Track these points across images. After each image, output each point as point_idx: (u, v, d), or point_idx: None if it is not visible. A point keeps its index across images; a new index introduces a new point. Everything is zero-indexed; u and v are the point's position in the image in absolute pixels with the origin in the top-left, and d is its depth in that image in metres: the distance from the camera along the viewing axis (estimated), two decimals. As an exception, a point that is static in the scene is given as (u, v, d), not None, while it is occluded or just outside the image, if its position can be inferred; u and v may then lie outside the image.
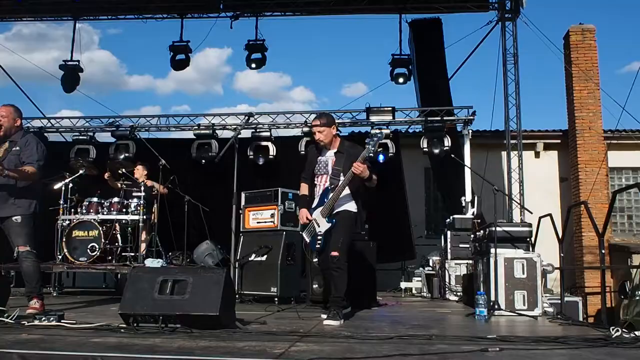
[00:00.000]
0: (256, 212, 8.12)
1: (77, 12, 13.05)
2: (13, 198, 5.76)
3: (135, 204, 8.97)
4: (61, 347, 3.58)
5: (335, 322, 5.11)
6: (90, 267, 8.60)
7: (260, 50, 12.49)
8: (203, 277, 4.47)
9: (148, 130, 11.45)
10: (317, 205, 5.54)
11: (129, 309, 4.39)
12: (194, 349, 3.53)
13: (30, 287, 5.79)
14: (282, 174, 10.59)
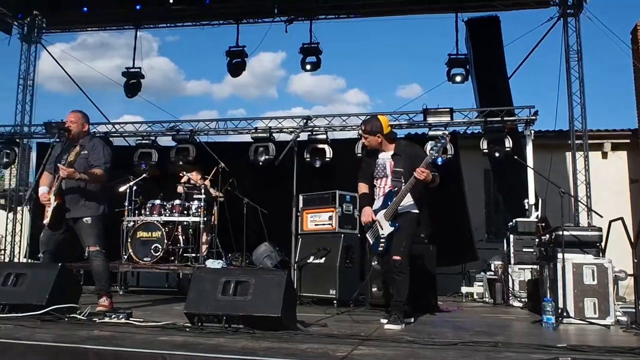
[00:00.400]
0: (314, 215, 8.16)
1: (138, 21, 13.37)
2: (84, 200, 6.02)
3: (196, 206, 9.17)
4: (131, 344, 3.69)
5: (397, 326, 5.09)
6: (153, 267, 8.84)
7: (315, 53, 12.53)
8: (264, 278, 4.53)
9: (207, 134, 11.62)
10: (381, 207, 5.48)
11: (194, 309, 4.49)
12: (257, 350, 3.57)
13: (99, 285, 6.04)
14: (338, 176, 10.61)
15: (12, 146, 12.48)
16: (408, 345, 3.97)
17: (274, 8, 12.22)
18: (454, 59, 11.99)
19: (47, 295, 4.84)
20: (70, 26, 14.11)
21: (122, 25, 13.91)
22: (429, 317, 6.40)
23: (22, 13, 12.35)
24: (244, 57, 12.70)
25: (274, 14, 12.48)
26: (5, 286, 5.01)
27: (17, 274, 5.08)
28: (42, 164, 6.30)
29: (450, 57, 12.00)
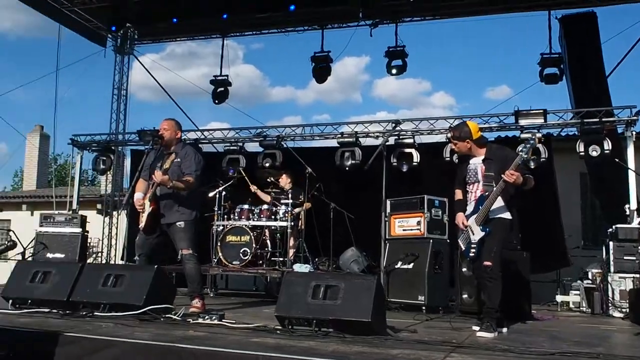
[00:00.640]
0: (402, 220, 8.08)
1: (225, 30, 13.65)
2: (177, 205, 6.22)
3: (284, 211, 9.26)
4: (224, 344, 3.77)
5: (489, 334, 4.98)
6: (242, 270, 9.00)
7: (401, 56, 12.41)
8: (355, 283, 4.52)
9: (293, 139, 11.72)
10: (472, 212, 5.41)
11: (285, 312, 4.54)
12: (348, 354, 3.56)
13: (192, 287, 6.24)
14: (426, 180, 10.46)
15: (108, 153, 12.97)
16: (502, 354, 3.87)
17: (359, 12, 12.21)
18: (547, 58, 11.62)
19: (145, 296, 5.01)
20: (161, 37, 14.61)
21: (209, 35, 14.25)
22: (522, 326, 6.21)
23: (115, 26, 12.85)
24: (329, 63, 12.75)
25: (359, 18, 12.46)
26: (106, 286, 5.23)
27: (117, 275, 5.29)
28: (138, 171, 6.53)
29: (543, 56, 11.63)
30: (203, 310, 5.72)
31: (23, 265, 6.24)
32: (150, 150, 6.66)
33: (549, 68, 11.60)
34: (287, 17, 12.83)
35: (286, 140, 11.60)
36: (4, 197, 23.21)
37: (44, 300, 5.34)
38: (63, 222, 10.72)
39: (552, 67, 11.57)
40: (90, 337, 3.92)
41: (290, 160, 10.88)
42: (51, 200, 16.08)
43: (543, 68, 11.62)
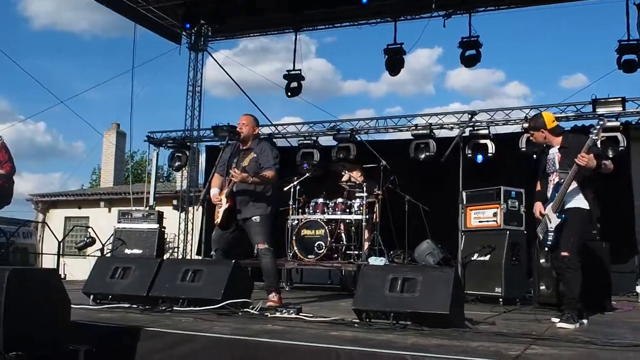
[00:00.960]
0: (478, 211, 7.95)
1: (297, 24, 13.70)
2: (253, 200, 6.26)
3: (358, 204, 9.25)
4: (303, 338, 3.79)
5: (570, 325, 4.88)
6: (317, 264, 9.05)
7: (475, 46, 12.15)
8: (432, 275, 4.49)
9: (367, 132, 11.70)
10: (549, 201, 5.36)
11: (362, 305, 4.53)
12: (428, 347, 3.53)
13: (269, 281, 6.26)
14: (501, 171, 10.26)
15: (183, 150, 13.26)
16: (584, 345, 3.76)
17: (432, 3, 12.04)
18: (625, 45, 11.15)
19: (222, 290, 5.07)
20: (234, 33, 14.76)
21: (282, 29, 14.33)
22: (603, 317, 6.07)
23: (189, 23, 13.08)
24: (402, 54, 12.62)
25: (432, 9, 12.28)
26: (184, 281, 5.32)
27: (195, 270, 5.37)
28: (214, 166, 6.63)
29: (621, 43, 11.17)
30: (280, 304, 5.77)
31: (103, 261, 6.41)
32: (226, 146, 6.74)
33: (627, 55, 11.13)
34: (360, 10, 12.77)
35: (360, 134, 11.60)
36: (82, 195, 24.08)
37: (124, 295, 5.44)
38: (140, 218, 10.97)
39: (630, 54, 11.10)
40: (171, 331, 4.00)
41: (364, 153, 10.86)
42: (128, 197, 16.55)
43: (621, 55, 11.16)
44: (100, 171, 28.85)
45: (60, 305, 3.42)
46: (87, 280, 5.87)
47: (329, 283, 10.76)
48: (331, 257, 9.14)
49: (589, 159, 4.98)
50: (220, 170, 6.53)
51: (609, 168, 5.19)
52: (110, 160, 26.25)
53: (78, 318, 4.13)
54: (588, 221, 5.37)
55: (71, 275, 10.51)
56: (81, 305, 5.14)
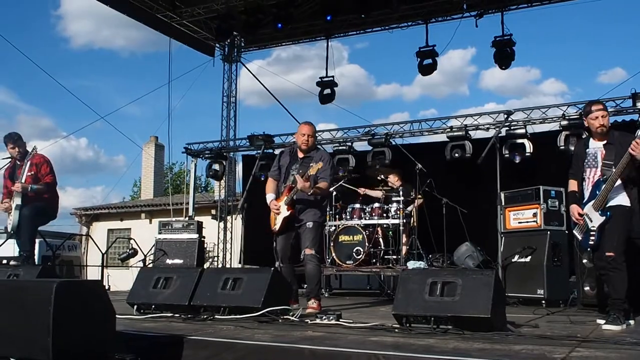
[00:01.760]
0: (517, 212, 7.86)
1: (329, 31, 13.77)
2: (309, 207, 6.37)
3: (395, 208, 9.23)
4: (344, 344, 3.78)
5: (617, 326, 4.77)
6: (356, 269, 9.06)
7: (508, 45, 12.02)
8: (472, 278, 4.44)
9: (402, 136, 11.66)
10: (589, 199, 5.21)
11: (402, 310, 4.51)
12: (470, 351, 3.50)
13: (310, 287, 6.33)
14: (540, 171, 10.13)
15: (220, 160, 13.38)
16: (632, 347, 3.68)
17: (463, 3, 11.97)
18: (664, 36, 10.93)
19: (262, 298, 5.10)
20: (266, 43, 14.92)
21: (313, 37, 14.39)
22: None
23: (222, 35, 13.22)
24: (435, 57, 12.55)
25: (463, 10, 12.24)
26: (225, 290, 5.38)
27: (235, 278, 5.42)
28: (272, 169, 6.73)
29: (660, 35, 10.96)
30: (319, 311, 5.77)
31: (146, 271, 6.50)
32: (283, 151, 6.84)
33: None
34: (391, 14, 12.75)
35: (394, 138, 11.57)
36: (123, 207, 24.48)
37: (167, 304, 5.53)
38: (180, 228, 11.10)
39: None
40: (213, 339, 4.03)
41: (400, 157, 10.82)
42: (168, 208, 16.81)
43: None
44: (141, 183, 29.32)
45: (106, 315, 3.47)
46: (130, 290, 5.99)
47: (369, 288, 10.72)
48: (369, 263, 9.13)
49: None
50: (275, 175, 6.65)
51: None
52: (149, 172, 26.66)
53: (123, 328, 4.20)
54: (630, 219, 5.19)
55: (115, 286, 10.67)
56: (125, 315, 5.24)
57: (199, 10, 13.16)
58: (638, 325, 5.06)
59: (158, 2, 12.85)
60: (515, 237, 7.79)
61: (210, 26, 13.70)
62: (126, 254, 11.57)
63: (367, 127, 12.05)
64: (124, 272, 9.49)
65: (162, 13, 13.13)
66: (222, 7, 12.73)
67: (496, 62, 12.17)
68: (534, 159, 10.32)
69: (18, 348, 3.23)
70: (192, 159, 13.70)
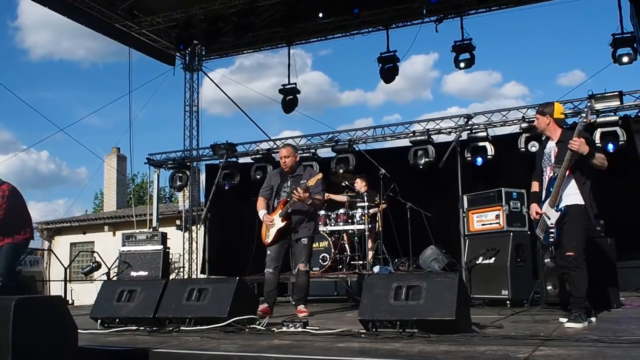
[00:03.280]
0: (480, 214, 7.92)
1: (290, 39, 13.79)
2: (305, 222, 6.71)
3: (360, 214, 9.26)
4: (310, 351, 3.79)
5: (578, 324, 4.84)
6: (323, 276, 9.05)
7: (468, 49, 12.16)
8: (436, 281, 4.46)
9: (365, 142, 11.72)
10: (545, 197, 5.29)
11: (368, 315, 4.51)
12: (436, 354, 3.52)
13: (299, 296, 6.82)
14: (502, 173, 10.28)
15: (184, 170, 13.31)
16: (593, 344, 3.74)
17: (422, 9, 12.09)
18: (619, 39, 11.15)
19: (228, 308, 5.06)
20: (227, 51, 14.89)
21: (275, 44, 14.41)
22: (611, 314, 6.01)
23: (183, 44, 13.14)
24: (396, 62, 12.64)
25: (422, 15, 12.37)
26: (190, 301, 5.32)
27: (200, 289, 5.36)
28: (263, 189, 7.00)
29: (615, 37, 11.17)
30: (309, 314, 6.42)
31: (109, 285, 6.40)
32: (272, 172, 7.25)
33: (621, 49, 11.14)
34: (352, 20, 12.85)
35: (358, 144, 11.63)
36: (86, 220, 24.13)
37: (131, 318, 5.46)
38: (144, 240, 10.99)
39: (625, 48, 11.10)
40: (179, 351, 4.00)
41: (364, 162, 10.87)
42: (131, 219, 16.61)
43: (615, 49, 11.16)
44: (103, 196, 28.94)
45: (67, 331, 3.42)
46: (93, 305, 5.88)
47: (336, 294, 10.73)
48: (336, 269, 9.16)
49: (580, 142, 4.95)
50: (266, 195, 6.94)
51: (602, 161, 5.12)
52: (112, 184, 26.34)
53: (86, 343, 4.13)
54: (587, 217, 5.23)
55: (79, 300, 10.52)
56: (89, 330, 5.17)
57: (158, 19, 13.06)
58: (599, 323, 5.15)
59: (116, 12, 12.73)
60: (479, 239, 7.84)
61: (170, 35, 13.64)
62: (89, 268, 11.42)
63: (330, 134, 12.09)
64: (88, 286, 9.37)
65: (120, 23, 13.00)
66: (182, 16, 12.66)
67: (456, 66, 12.29)
68: (496, 162, 10.46)
69: (-23, 367, 3.15)
70: (155, 170, 13.59)
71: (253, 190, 11.37)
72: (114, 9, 12.69)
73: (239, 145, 12.55)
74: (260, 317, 5.38)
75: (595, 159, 5.08)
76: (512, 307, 6.92)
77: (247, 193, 11.79)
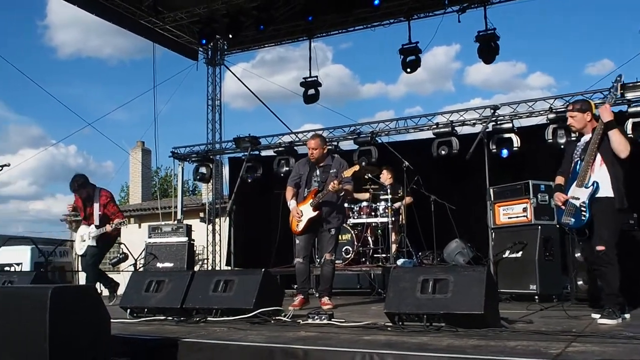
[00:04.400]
0: (507, 207, 7.83)
1: (311, 32, 13.74)
2: (335, 212, 6.77)
3: (384, 207, 9.19)
4: (337, 343, 3.76)
5: (612, 320, 4.73)
6: (346, 269, 9.01)
7: (492, 40, 11.99)
8: (464, 275, 4.41)
9: (387, 134, 11.63)
10: (570, 182, 5.13)
11: (394, 308, 4.48)
12: (465, 348, 3.47)
13: (324, 287, 6.84)
14: (528, 165, 10.12)
15: (207, 163, 13.33)
16: (628, 341, 3.65)
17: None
18: (650, 26, 10.93)
19: (254, 299, 5.08)
20: (249, 45, 14.84)
21: (296, 38, 14.36)
22: (646, 310, 5.86)
23: (205, 39, 13.17)
24: (418, 54, 12.52)
25: (445, 5, 12.23)
26: (216, 292, 5.35)
27: (226, 280, 5.40)
28: (291, 178, 7.07)
29: (645, 25, 10.97)
30: (333, 307, 6.41)
31: (138, 275, 6.48)
32: (300, 162, 7.21)
33: (653, 36, 10.89)
34: (373, 12, 12.74)
35: (380, 136, 11.53)
36: (112, 212, 24.24)
37: (159, 308, 5.52)
38: (170, 232, 11.09)
39: (656, 35, 10.85)
40: (207, 341, 4.02)
41: (386, 155, 10.78)
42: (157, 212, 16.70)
43: (646, 37, 10.94)
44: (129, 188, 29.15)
45: (101, 320, 3.46)
46: (123, 294, 5.99)
47: (358, 287, 10.70)
48: (359, 262, 9.11)
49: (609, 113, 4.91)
50: (295, 184, 6.99)
51: (621, 139, 4.93)
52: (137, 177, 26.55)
53: (117, 332, 4.15)
54: (617, 211, 5.03)
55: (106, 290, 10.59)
56: (119, 319, 5.19)
57: (181, 15, 13.14)
58: (634, 319, 5.02)
59: (141, 8, 12.84)
60: (506, 232, 7.74)
61: (193, 30, 13.67)
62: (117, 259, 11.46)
63: (352, 126, 12.00)
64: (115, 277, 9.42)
65: (145, 19, 13.11)
66: (204, 11, 12.70)
67: (480, 57, 12.14)
68: (522, 153, 10.31)
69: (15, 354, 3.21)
70: (179, 163, 13.63)
71: (276, 183, 11.47)
72: (138, 6, 12.80)
73: (262, 138, 12.54)
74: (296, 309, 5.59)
75: (615, 134, 4.92)
76: (540, 302, 6.83)
77: (270, 186, 11.83)
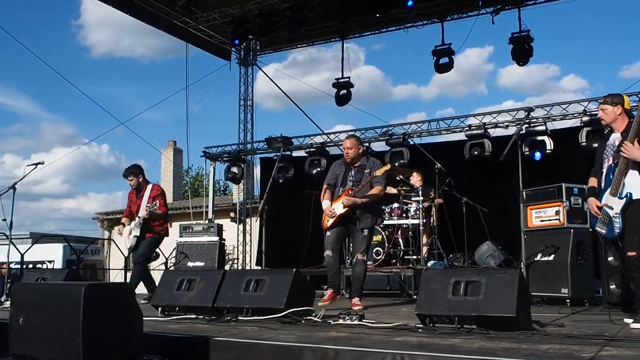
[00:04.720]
0: (539, 210, 7.75)
1: (344, 33, 13.78)
2: (369, 212, 6.82)
3: (415, 208, 9.18)
4: (368, 344, 3.77)
5: None
6: (376, 270, 9.01)
7: (526, 41, 11.88)
8: (496, 277, 4.39)
9: (419, 135, 11.61)
10: (604, 188, 5.00)
11: (425, 310, 4.47)
12: (496, 350, 3.46)
13: (356, 287, 6.84)
14: (561, 168, 10.04)
15: (239, 163, 13.42)
16: (661, 346, 3.58)
17: (479, 0, 11.89)
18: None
19: (285, 299, 5.11)
20: (281, 45, 14.93)
21: (328, 38, 14.40)
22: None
23: (238, 39, 13.29)
24: (451, 55, 12.47)
25: (478, 7, 12.16)
26: (247, 291, 5.39)
27: (257, 280, 5.43)
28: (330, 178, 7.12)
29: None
30: (364, 308, 6.37)
31: (169, 274, 6.56)
32: (335, 163, 7.27)
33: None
34: (406, 13, 12.72)
35: (412, 137, 11.51)
36: (144, 211, 24.53)
37: (191, 306, 5.56)
38: (201, 231, 11.18)
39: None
40: (238, 340, 4.06)
41: (418, 156, 10.76)
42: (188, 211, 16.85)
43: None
44: (160, 187, 29.40)
45: (133, 317, 3.52)
46: (155, 292, 6.09)
47: (389, 289, 10.68)
48: (389, 263, 9.13)
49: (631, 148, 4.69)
50: (331, 184, 7.07)
51: None
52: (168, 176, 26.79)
53: (149, 330, 4.21)
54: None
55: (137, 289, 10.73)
56: (150, 317, 5.25)
57: (214, 15, 13.25)
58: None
59: (174, 8, 12.99)
60: (538, 235, 7.68)
61: (226, 30, 13.80)
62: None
63: (384, 128, 12.00)
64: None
65: (178, 19, 13.27)
66: (237, 11, 12.79)
67: (514, 59, 12.05)
68: (555, 156, 10.21)
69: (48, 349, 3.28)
70: (211, 163, 13.75)
71: (307, 184, 11.53)
72: (172, 6, 12.95)
73: (294, 139, 12.58)
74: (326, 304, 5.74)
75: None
76: (572, 305, 6.76)
77: (301, 186, 11.87)
